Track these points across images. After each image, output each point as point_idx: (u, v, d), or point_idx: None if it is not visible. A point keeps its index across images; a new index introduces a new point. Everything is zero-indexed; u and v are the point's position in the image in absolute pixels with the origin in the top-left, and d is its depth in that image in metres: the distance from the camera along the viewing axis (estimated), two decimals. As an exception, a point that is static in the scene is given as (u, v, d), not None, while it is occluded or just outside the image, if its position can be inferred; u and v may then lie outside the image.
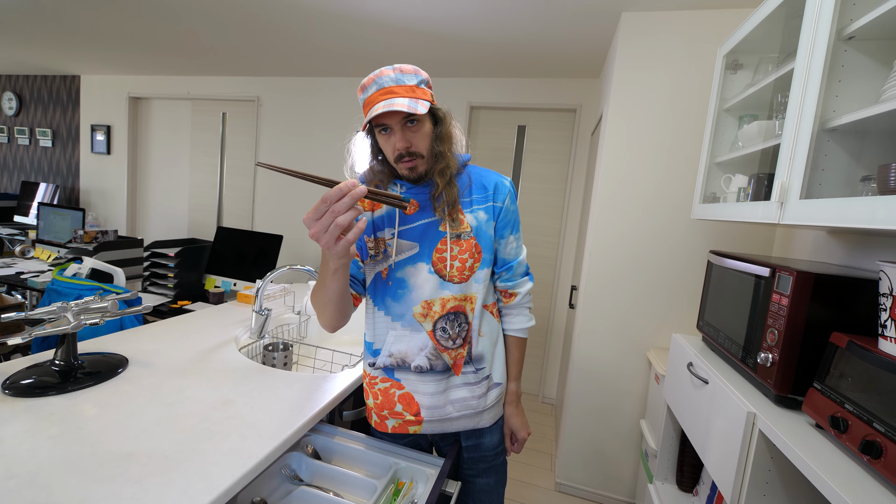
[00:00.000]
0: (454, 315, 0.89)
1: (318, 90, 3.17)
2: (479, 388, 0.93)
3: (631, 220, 1.79)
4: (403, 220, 0.91)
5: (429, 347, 0.90)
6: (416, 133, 0.83)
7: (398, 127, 0.81)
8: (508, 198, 0.94)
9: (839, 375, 0.74)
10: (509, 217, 0.94)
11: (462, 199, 0.91)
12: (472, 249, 0.90)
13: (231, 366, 1.15)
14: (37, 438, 0.76)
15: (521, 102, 2.76)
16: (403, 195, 0.91)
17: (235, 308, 1.75)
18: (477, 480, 1.00)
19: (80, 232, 2.51)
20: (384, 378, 0.94)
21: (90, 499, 0.64)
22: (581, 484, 1.96)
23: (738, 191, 1.21)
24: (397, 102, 0.76)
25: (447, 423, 0.94)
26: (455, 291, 0.89)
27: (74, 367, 0.98)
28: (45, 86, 3.98)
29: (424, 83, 0.83)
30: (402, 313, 0.90)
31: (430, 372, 0.90)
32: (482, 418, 0.96)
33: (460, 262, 0.89)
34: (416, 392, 0.91)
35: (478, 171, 0.96)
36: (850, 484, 0.61)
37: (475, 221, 0.91)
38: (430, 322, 0.89)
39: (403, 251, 0.91)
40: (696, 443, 1.09)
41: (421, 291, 0.89)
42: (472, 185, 0.93)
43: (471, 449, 0.98)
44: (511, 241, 0.96)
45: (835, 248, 1.18)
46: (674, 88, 1.69)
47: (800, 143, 0.84)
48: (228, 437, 0.83)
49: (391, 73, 0.79)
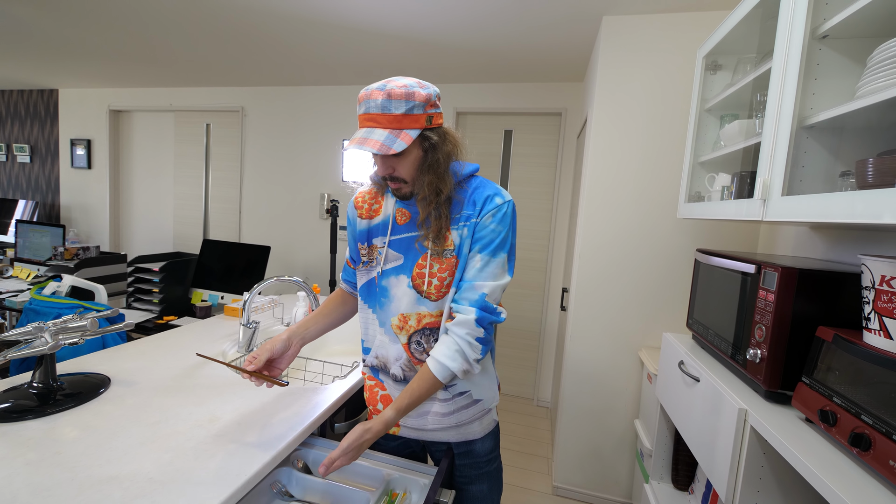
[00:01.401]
0: (430, 330, 0.88)
1: (304, 99, 3.15)
2: (452, 405, 0.90)
3: (618, 221, 1.81)
4: (395, 230, 0.91)
5: (403, 359, 0.90)
6: (400, 161, 0.82)
7: (378, 158, 0.82)
8: (491, 214, 0.84)
9: (826, 369, 0.74)
10: (483, 233, 0.84)
11: (453, 214, 0.87)
12: (451, 268, 0.86)
13: (218, 381, 1.12)
14: (13, 465, 0.73)
15: (507, 107, 2.78)
16: (397, 203, 0.92)
17: (223, 322, 1.71)
18: (470, 488, 0.98)
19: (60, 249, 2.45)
20: (370, 376, 0.97)
21: (69, 527, 0.61)
22: (578, 486, 1.95)
23: (722, 189, 1.23)
24: (371, 139, 0.75)
25: (424, 433, 0.94)
26: (432, 308, 0.87)
27: (53, 389, 0.94)
28: (21, 100, 3.90)
29: (420, 107, 0.77)
30: (384, 321, 0.92)
31: (403, 382, 0.91)
32: (468, 430, 0.93)
33: (438, 279, 0.86)
34: (395, 398, 0.89)
35: (480, 185, 0.89)
36: (841, 476, 0.62)
37: (458, 239, 0.86)
38: (405, 335, 0.89)
39: (390, 261, 0.91)
40: (689, 441, 1.09)
41: (399, 304, 0.89)
42: (466, 201, 0.87)
43: (462, 456, 0.96)
44: (476, 261, 0.84)
45: (817, 244, 1.20)
46: (656, 90, 1.72)
47: (780, 141, 0.85)
48: (215, 455, 0.80)
49: (380, 97, 0.75)
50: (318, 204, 3.20)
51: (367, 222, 0.94)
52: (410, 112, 0.77)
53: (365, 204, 0.96)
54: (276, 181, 3.29)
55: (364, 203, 0.96)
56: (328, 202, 3.14)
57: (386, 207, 0.94)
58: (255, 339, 1.44)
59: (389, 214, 0.92)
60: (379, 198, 0.95)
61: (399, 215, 0.92)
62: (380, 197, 0.95)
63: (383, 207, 0.94)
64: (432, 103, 0.80)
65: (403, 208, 0.92)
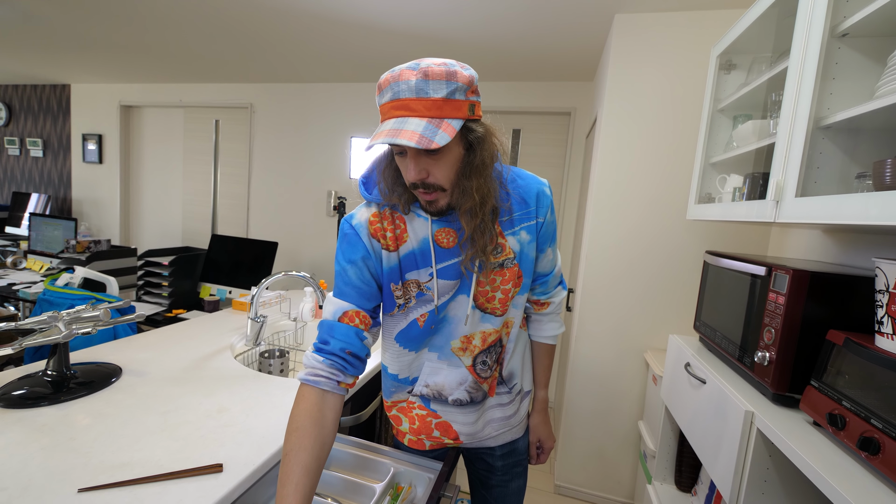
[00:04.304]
0: (492, 348, 0.82)
1: (312, 96, 3.17)
2: (513, 406, 0.90)
3: (627, 222, 1.79)
4: (441, 257, 0.74)
5: (468, 381, 0.82)
6: (438, 161, 0.65)
7: (412, 153, 0.64)
8: (549, 209, 0.80)
9: (836, 373, 0.74)
10: (549, 230, 0.82)
11: (501, 219, 0.76)
12: (514, 277, 0.79)
13: (226, 373, 1.14)
14: (28, 450, 0.74)
15: (515, 106, 2.77)
16: (434, 223, 0.74)
17: (231, 315, 1.73)
18: (510, 485, 0.96)
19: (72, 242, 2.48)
20: (421, 405, 0.86)
21: (83, 512, 0.62)
22: (580, 486, 1.95)
23: (734, 191, 1.21)
24: (406, 130, 0.58)
25: (485, 441, 0.91)
26: (496, 324, 0.81)
27: (67, 378, 0.96)
28: (34, 95, 3.95)
29: (462, 91, 0.62)
30: (441, 346, 0.80)
31: (470, 404, 0.84)
32: (519, 428, 0.94)
33: (503, 292, 0.79)
34: (455, 421, 0.86)
35: (516, 180, 0.79)
36: (849, 480, 0.61)
37: (518, 245, 0.78)
38: (469, 357, 0.81)
39: (446, 293, 0.76)
40: (694, 443, 1.09)
41: (460, 326, 0.79)
42: (512, 202, 0.77)
43: (507, 456, 0.94)
44: (549, 254, 0.85)
45: (829, 247, 1.18)
46: (668, 90, 1.70)
47: (794, 142, 0.84)
48: (224, 444, 0.81)
49: (413, 77, 0.60)
50: (325, 201, 3.21)
51: (396, 255, 0.75)
52: (452, 97, 0.61)
53: (387, 231, 0.74)
54: (284, 178, 3.31)
55: (384, 230, 0.74)
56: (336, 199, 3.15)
57: (414, 231, 0.75)
58: (263, 332, 1.45)
59: (426, 238, 0.74)
60: (396, 220, 0.75)
61: (442, 237, 0.74)
62: (396, 219, 0.75)
63: (410, 231, 0.75)
64: (474, 89, 0.65)
65: (447, 227, 0.74)
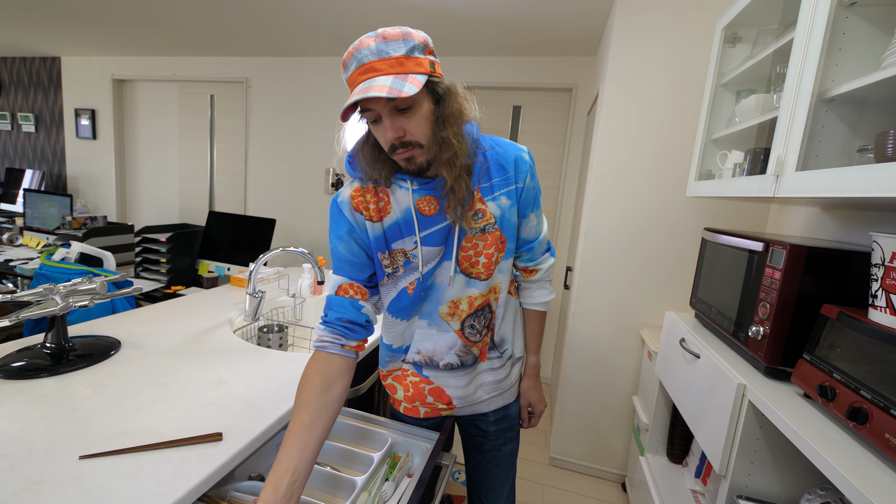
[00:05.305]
0: (481, 311, 0.85)
1: (309, 71, 3.09)
2: (504, 370, 0.92)
3: (626, 199, 1.78)
4: (424, 224, 0.78)
5: (458, 346, 0.85)
6: (412, 118, 0.68)
7: (386, 114, 0.66)
8: (529, 174, 0.82)
9: (829, 346, 0.75)
10: (531, 195, 0.84)
11: (481, 185, 0.79)
12: (497, 242, 0.81)
13: (225, 347, 1.15)
14: (29, 419, 0.76)
15: (515, 82, 2.71)
16: (415, 192, 0.77)
17: (229, 291, 1.73)
18: (503, 448, 0.99)
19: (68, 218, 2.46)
20: (414, 373, 0.89)
21: (86, 475, 0.64)
22: (574, 458, 2.01)
23: (734, 167, 1.20)
24: (376, 85, 0.61)
25: (478, 406, 0.93)
26: (482, 288, 0.83)
27: (66, 350, 0.97)
28: (24, 68, 3.85)
29: (420, 49, 0.66)
30: (430, 313, 0.84)
31: (461, 367, 0.87)
32: (510, 393, 0.97)
33: (486, 257, 0.81)
34: (447, 386, 0.89)
35: (492, 146, 0.81)
36: (837, 449, 0.63)
37: (498, 210, 0.80)
38: (457, 321, 0.84)
39: (429, 260, 0.80)
40: (686, 416, 1.11)
41: (447, 291, 0.82)
42: (490, 166, 0.79)
43: (500, 421, 0.97)
44: (532, 220, 0.86)
45: (827, 224, 1.18)
46: (671, 64, 1.66)
47: (797, 115, 0.83)
48: (224, 415, 0.83)
49: (372, 42, 0.64)
50: (323, 178, 3.18)
51: (381, 225, 0.79)
52: (412, 54, 0.65)
53: (370, 204, 0.78)
54: (281, 155, 3.26)
55: (366, 203, 0.79)
56: (333, 176, 3.12)
57: (397, 201, 0.78)
58: (262, 308, 1.46)
59: (408, 207, 0.77)
60: (379, 193, 0.79)
61: (423, 205, 0.77)
62: (379, 191, 0.79)
63: (393, 202, 0.78)
64: (430, 49, 0.69)
65: (427, 196, 0.77)
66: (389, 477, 0.82)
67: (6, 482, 0.61)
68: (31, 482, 0.61)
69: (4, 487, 0.60)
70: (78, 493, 0.60)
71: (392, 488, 0.80)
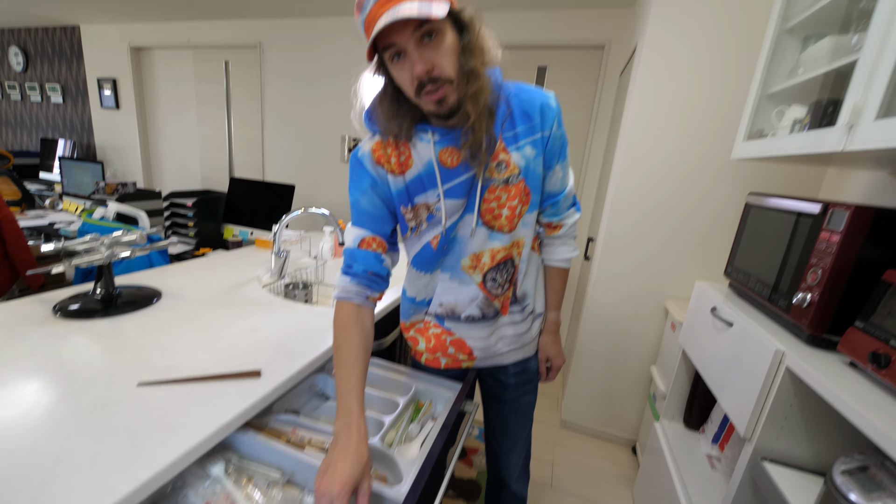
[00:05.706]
0: (503, 265, 0.84)
1: (323, 32, 3.04)
2: (525, 324, 0.93)
3: (659, 166, 1.68)
4: (447, 177, 0.76)
5: (480, 298, 0.85)
6: (438, 50, 0.64)
7: (412, 46, 0.63)
8: (556, 121, 0.78)
9: (888, 314, 0.70)
10: (557, 144, 0.80)
11: (504, 133, 0.75)
12: (521, 194, 0.78)
13: (256, 300, 1.22)
14: (90, 352, 0.84)
15: (541, 40, 2.53)
16: (437, 143, 0.75)
17: (254, 252, 1.81)
18: (521, 400, 1.02)
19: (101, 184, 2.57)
20: (436, 324, 0.91)
21: (150, 399, 0.71)
22: (586, 422, 2.04)
23: (793, 123, 1.09)
24: (403, 8, 0.58)
25: (498, 358, 0.95)
26: (505, 242, 0.82)
27: (113, 297, 1.05)
28: (47, 38, 3.90)
29: None
30: (452, 266, 0.84)
31: (482, 320, 0.88)
32: (530, 347, 0.98)
33: (509, 209, 0.79)
34: (468, 337, 0.91)
35: (516, 92, 0.77)
36: (885, 416, 0.60)
37: (523, 160, 0.77)
38: (479, 274, 0.84)
39: (453, 213, 0.79)
40: (711, 383, 1.11)
41: (468, 244, 0.81)
42: (514, 113, 0.76)
43: (520, 374, 0.99)
44: (557, 172, 0.83)
45: (895, 191, 1.08)
46: (724, 12, 1.49)
47: (886, 54, 0.72)
48: (261, 356, 0.90)
49: None
50: (339, 146, 3.20)
51: (403, 179, 0.77)
52: None
53: (392, 157, 0.77)
54: (297, 122, 3.27)
55: (388, 156, 0.77)
56: (350, 142, 3.13)
57: (419, 154, 0.76)
58: (287, 266, 1.52)
59: (430, 160, 0.75)
60: (401, 146, 0.77)
61: (446, 157, 0.75)
62: (401, 145, 0.77)
63: (414, 155, 0.76)
64: None
65: (450, 147, 0.75)
66: (415, 419, 0.88)
67: (78, 402, 0.69)
68: (98, 403, 0.69)
69: (77, 406, 0.68)
70: (139, 412, 0.68)
71: (417, 429, 0.84)
